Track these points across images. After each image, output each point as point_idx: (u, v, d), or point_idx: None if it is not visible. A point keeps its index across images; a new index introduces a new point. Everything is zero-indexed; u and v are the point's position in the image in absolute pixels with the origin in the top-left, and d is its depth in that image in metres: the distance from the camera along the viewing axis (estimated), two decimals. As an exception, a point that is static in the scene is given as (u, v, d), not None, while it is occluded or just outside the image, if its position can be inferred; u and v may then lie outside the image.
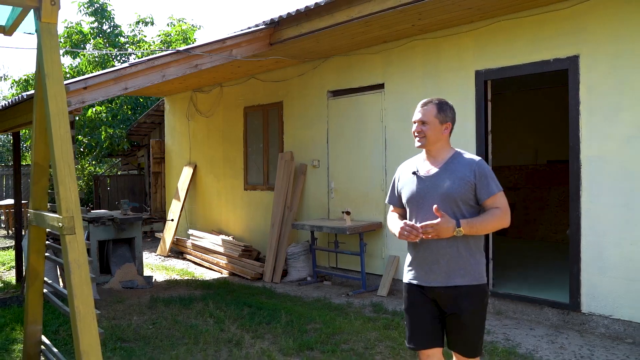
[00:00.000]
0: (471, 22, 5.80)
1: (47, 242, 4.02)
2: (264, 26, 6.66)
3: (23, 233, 8.05)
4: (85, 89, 5.54)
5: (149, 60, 5.91)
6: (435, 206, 2.69)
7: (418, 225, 2.72)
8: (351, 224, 6.69)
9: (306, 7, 6.05)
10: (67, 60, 15.56)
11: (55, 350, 3.88)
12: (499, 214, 2.74)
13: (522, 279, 6.42)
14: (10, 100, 6.12)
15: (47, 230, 3.66)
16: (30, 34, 4.18)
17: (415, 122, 2.92)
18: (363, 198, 7.10)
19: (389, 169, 6.75)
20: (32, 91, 5.79)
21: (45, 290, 3.99)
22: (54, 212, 3.30)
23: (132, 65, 5.76)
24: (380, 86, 6.87)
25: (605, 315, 4.95)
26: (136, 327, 5.33)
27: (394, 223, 2.97)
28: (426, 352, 2.86)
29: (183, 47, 6.52)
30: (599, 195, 4.97)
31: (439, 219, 2.67)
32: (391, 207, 3.11)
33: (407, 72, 6.54)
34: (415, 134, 2.91)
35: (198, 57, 6.25)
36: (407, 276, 2.94)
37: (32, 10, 3.38)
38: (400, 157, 6.42)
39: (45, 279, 3.93)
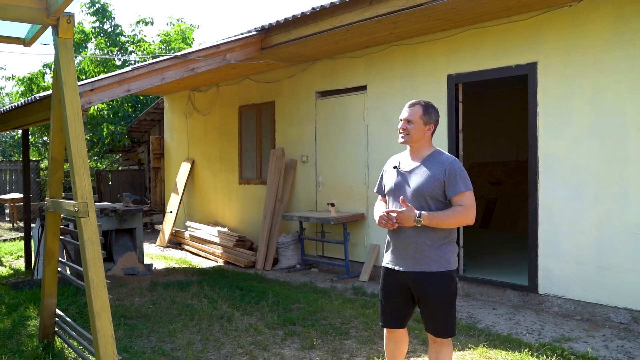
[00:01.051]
0: (443, 30, 6.35)
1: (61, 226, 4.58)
2: (255, 32, 7.21)
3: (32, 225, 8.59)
4: (92, 91, 6.09)
5: (149, 64, 6.46)
6: (401, 197, 3.08)
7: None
8: (335, 215, 7.26)
9: (293, 15, 6.60)
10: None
11: (68, 319, 4.46)
12: (460, 211, 3.03)
13: (491, 265, 6.99)
14: (23, 101, 6.67)
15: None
16: (46, 45, 4.76)
17: (401, 120, 3.21)
18: (347, 191, 7.66)
19: (371, 164, 7.31)
20: (44, 93, 6.34)
21: (59, 269, 4.56)
22: (69, 199, 3.86)
23: (134, 69, 6.31)
24: (363, 88, 7.43)
25: (559, 295, 5.52)
26: (138, 307, 5.89)
27: (377, 211, 3.30)
28: (391, 331, 3.30)
29: (181, 52, 7.05)
30: (553, 188, 5.53)
31: (403, 208, 3.06)
32: (379, 197, 3.45)
33: (387, 75, 7.10)
34: (400, 130, 3.20)
35: (194, 61, 6.81)
36: (385, 260, 3.30)
37: (49, 27, 3.94)
38: (381, 154, 7.01)
39: (60, 259, 4.49)
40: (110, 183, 13.96)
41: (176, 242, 10.75)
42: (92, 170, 15.87)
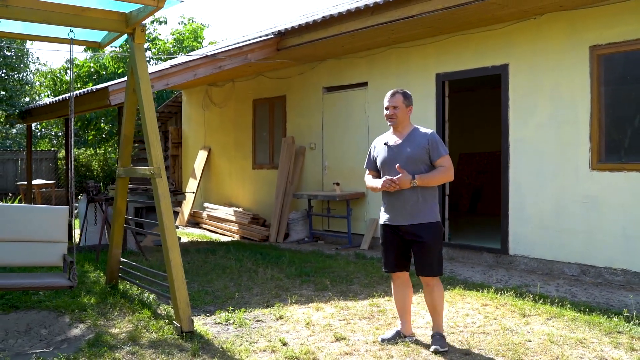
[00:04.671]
0: (433, 36, 7.53)
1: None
2: (272, 35, 8.39)
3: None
4: (138, 85, 7.25)
5: (184, 62, 7.64)
6: (397, 165, 3.88)
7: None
8: (340, 193, 8.46)
9: (306, 22, 7.78)
10: (86, 55, 17.22)
11: (133, 264, 5.64)
12: (443, 170, 3.91)
13: (472, 236, 8.20)
14: (80, 92, 7.83)
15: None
16: (115, 47, 5.94)
17: (387, 108, 3.99)
18: (350, 173, 8.85)
19: (371, 150, 8.49)
20: (102, 85, 7.48)
21: (125, 225, 5.74)
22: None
23: (172, 66, 7.49)
24: (365, 84, 8.61)
25: (525, 255, 6.73)
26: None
27: (371, 181, 4.14)
28: (396, 274, 4.26)
29: (210, 52, 8.21)
30: (521, 167, 6.74)
31: (400, 175, 3.90)
32: (367, 171, 4.27)
33: (385, 73, 8.28)
34: (389, 116, 3.99)
35: (221, 60, 7.98)
36: (382, 218, 4.13)
37: (125, 34, 5.11)
38: (379, 140, 8.19)
39: (126, 217, 5.67)
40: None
41: (194, 222, 11.93)
42: (115, 158, 17.02)
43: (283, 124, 10.17)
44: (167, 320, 4.68)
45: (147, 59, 16.26)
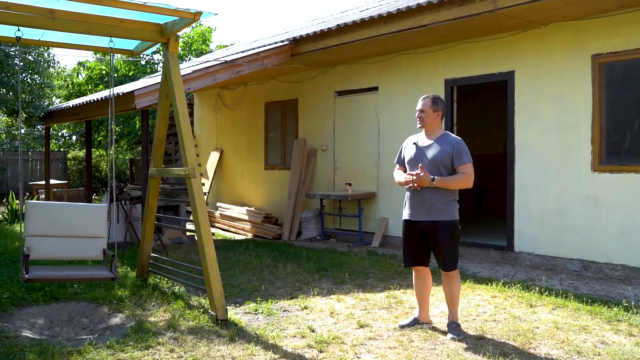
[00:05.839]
0: (442, 43, 7.91)
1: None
2: (287, 42, 8.77)
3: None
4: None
5: (205, 68, 8.01)
6: (420, 165, 4.24)
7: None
8: (352, 193, 8.84)
9: (321, 30, 8.16)
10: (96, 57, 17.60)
11: (164, 258, 6.01)
12: (463, 177, 4.19)
13: (477, 233, 8.58)
14: (104, 96, 8.20)
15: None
16: (147, 54, 6.33)
17: (417, 111, 4.36)
18: (361, 174, 9.24)
19: (382, 152, 8.88)
20: (125, 90, 7.84)
21: (155, 222, 6.11)
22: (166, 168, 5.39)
23: (193, 72, 7.86)
24: (375, 89, 9.00)
25: (529, 252, 7.11)
26: (198, 261, 7.45)
27: (398, 176, 4.49)
28: (417, 268, 4.60)
29: (230, 57, 8.58)
30: (525, 169, 7.12)
31: (422, 173, 4.22)
32: (397, 166, 4.58)
33: (395, 78, 8.66)
34: (417, 119, 4.34)
35: (239, 65, 8.35)
36: (404, 214, 4.43)
37: (159, 43, 5.48)
38: (390, 143, 8.59)
39: (157, 214, 6.04)
40: (141, 169, 15.49)
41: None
42: (123, 159, 17.40)
43: (295, 126, 10.55)
44: (201, 310, 5.05)
45: (157, 62, 16.67)
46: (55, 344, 4.18)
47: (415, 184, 4.25)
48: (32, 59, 9.73)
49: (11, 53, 9.49)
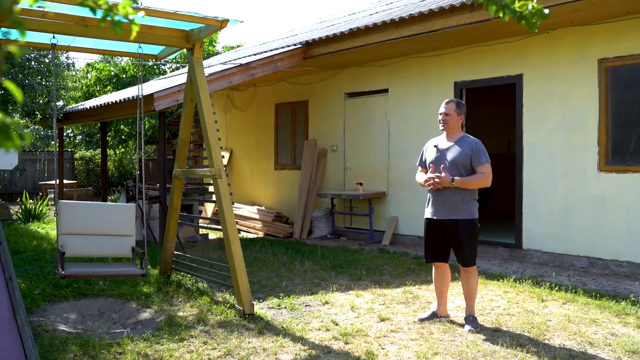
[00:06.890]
0: (451, 47, 8.14)
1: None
2: (300, 45, 8.99)
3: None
4: (179, 92, 7.85)
5: (221, 71, 8.24)
6: (442, 166, 4.45)
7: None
8: (363, 192, 9.07)
9: (334, 34, 8.38)
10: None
11: (187, 255, 6.24)
12: (481, 177, 4.39)
13: (485, 231, 8.80)
14: (123, 98, 8.43)
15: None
16: (167, 59, 6.56)
17: (440, 114, 4.52)
18: (371, 174, 9.47)
19: (391, 153, 9.11)
20: (146, 92, 8.05)
21: (179, 221, 6.33)
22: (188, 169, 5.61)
23: (210, 75, 8.08)
24: (385, 91, 9.22)
25: (537, 249, 7.35)
26: (215, 259, 7.68)
27: (421, 177, 4.68)
28: (437, 264, 4.83)
29: (245, 61, 8.80)
30: (533, 169, 7.36)
31: (443, 174, 4.50)
32: (419, 168, 4.79)
33: (405, 81, 8.89)
34: (441, 121, 4.52)
35: (254, 68, 8.58)
36: (426, 213, 4.66)
37: (183, 48, 5.70)
38: (400, 144, 8.81)
39: (180, 213, 6.26)
40: (150, 169, 15.73)
41: (217, 220, 12.50)
42: (132, 159, 17.64)
43: (305, 127, 10.78)
44: (227, 305, 5.28)
45: (164, 63, 16.87)
46: (94, 336, 4.41)
47: (437, 185, 4.47)
48: (47, 61, 9.96)
49: (27, 57, 9.72)
